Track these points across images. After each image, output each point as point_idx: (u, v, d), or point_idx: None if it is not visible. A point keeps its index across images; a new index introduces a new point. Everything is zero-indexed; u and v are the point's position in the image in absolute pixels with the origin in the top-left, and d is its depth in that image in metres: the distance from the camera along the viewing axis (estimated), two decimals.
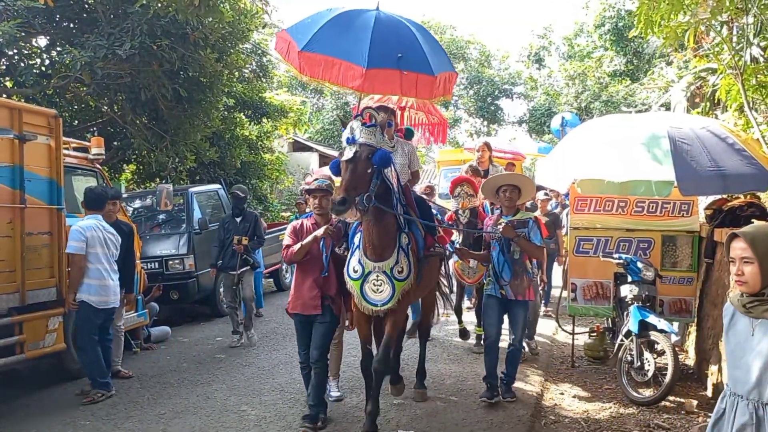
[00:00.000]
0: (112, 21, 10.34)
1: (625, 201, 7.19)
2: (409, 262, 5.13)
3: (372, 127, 4.76)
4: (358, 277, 5.13)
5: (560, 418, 5.88)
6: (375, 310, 5.13)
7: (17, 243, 6.27)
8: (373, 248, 5.04)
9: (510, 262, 5.91)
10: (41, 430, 5.70)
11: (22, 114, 6.44)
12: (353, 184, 4.59)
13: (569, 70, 27.82)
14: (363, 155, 4.66)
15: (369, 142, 4.70)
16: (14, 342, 6.29)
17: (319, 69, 5.71)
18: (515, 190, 6.00)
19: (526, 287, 5.99)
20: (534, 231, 5.91)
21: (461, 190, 7.35)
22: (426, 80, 5.76)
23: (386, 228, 5.03)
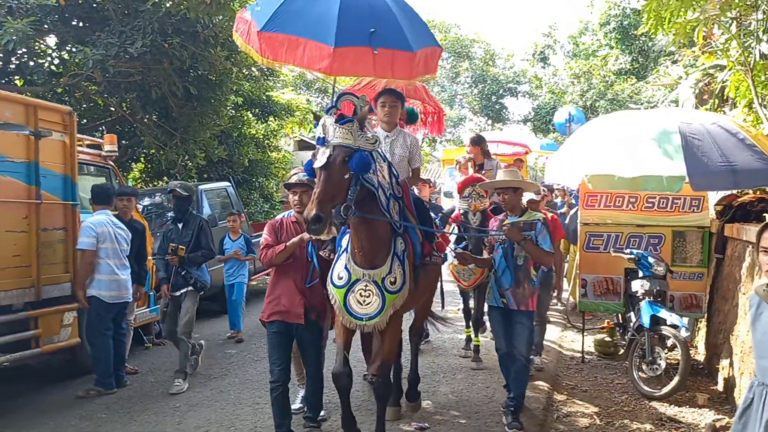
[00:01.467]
0: (124, 19, 10.39)
1: (635, 197, 7.22)
2: (404, 271, 4.46)
3: (348, 123, 4.02)
4: (342, 285, 4.45)
5: (572, 412, 5.92)
6: (359, 324, 4.46)
7: (33, 238, 6.33)
8: (363, 254, 4.39)
9: (512, 268, 5.30)
10: (59, 423, 5.75)
11: (38, 110, 6.50)
12: (328, 196, 3.88)
13: (574, 69, 27.79)
14: (338, 160, 3.94)
15: (344, 143, 3.98)
16: (30, 336, 6.35)
17: (281, 50, 5.08)
18: (511, 191, 5.45)
19: (529, 296, 5.34)
20: (542, 234, 5.25)
21: (472, 191, 6.82)
22: (403, 57, 5.17)
23: (378, 231, 4.38)
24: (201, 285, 6.98)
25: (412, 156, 5.60)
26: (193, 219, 7.10)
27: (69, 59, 10.87)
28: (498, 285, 5.40)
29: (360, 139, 4.05)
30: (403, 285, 4.44)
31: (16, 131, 6.26)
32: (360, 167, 3.99)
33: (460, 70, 33.55)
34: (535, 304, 5.45)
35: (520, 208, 5.49)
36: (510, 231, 5.20)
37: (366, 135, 4.13)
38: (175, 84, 10.89)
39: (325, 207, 3.82)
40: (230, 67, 11.89)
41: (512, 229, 5.20)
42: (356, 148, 4.00)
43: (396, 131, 5.42)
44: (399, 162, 5.35)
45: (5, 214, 6.00)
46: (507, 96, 33.98)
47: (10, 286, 6.03)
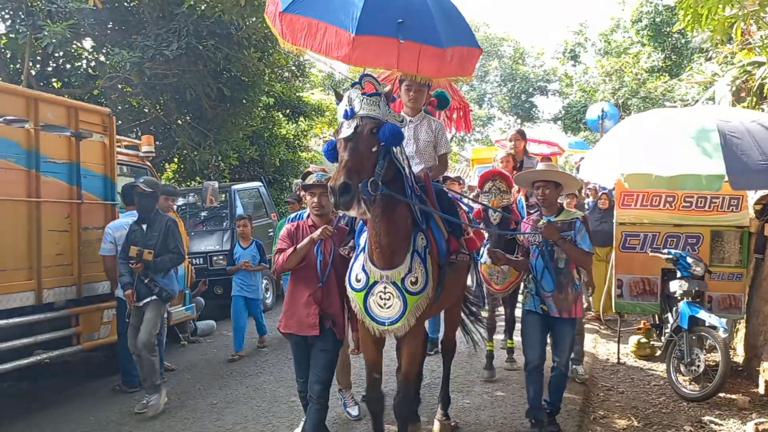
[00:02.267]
0: (159, 22, 10.57)
1: (672, 196, 7.12)
2: (426, 270, 4.08)
3: (375, 96, 3.75)
4: (361, 288, 4.12)
5: (609, 413, 5.87)
6: (381, 329, 4.14)
7: (74, 237, 6.47)
8: (380, 251, 4.01)
9: (553, 271, 4.91)
10: (99, 417, 5.88)
11: (79, 112, 6.65)
12: (355, 167, 3.54)
13: (606, 67, 27.48)
14: (366, 130, 3.65)
15: (372, 115, 3.70)
16: (71, 333, 6.50)
17: (301, 35, 4.70)
18: (552, 186, 4.99)
19: (572, 302, 4.95)
20: (582, 234, 4.87)
21: (492, 186, 6.22)
22: (432, 53, 4.75)
23: (397, 225, 4.01)
24: (167, 294, 6.16)
25: (438, 141, 5.09)
26: (159, 219, 6.23)
27: (106, 62, 11.08)
28: (538, 290, 4.99)
29: (387, 114, 3.80)
30: (426, 285, 4.07)
31: (58, 133, 6.41)
32: (390, 138, 3.68)
33: (489, 69, 33.42)
34: (579, 310, 5.07)
35: (557, 207, 5.06)
36: (547, 230, 4.82)
37: (392, 112, 3.89)
38: (209, 85, 11.05)
39: (353, 176, 3.47)
40: (262, 68, 12.04)
41: (549, 229, 4.82)
42: (384, 121, 3.73)
43: (420, 116, 5.08)
44: (424, 148, 5.01)
45: (48, 214, 6.14)
46: (537, 94, 33.77)
47: (52, 284, 6.17)
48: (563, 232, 4.85)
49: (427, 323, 5.40)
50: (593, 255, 5.11)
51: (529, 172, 5.58)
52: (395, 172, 3.90)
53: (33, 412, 6.00)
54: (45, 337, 6.16)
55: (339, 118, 3.78)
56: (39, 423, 5.75)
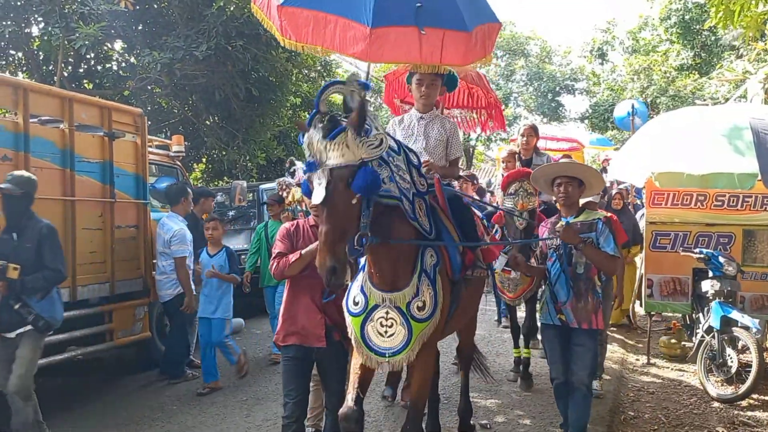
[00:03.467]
0: (189, 23, 10.71)
1: (704, 195, 7.03)
2: (435, 293, 3.54)
3: (339, 135, 3.01)
4: (358, 313, 3.58)
5: (639, 414, 5.82)
6: (380, 361, 3.57)
7: (107, 235, 6.58)
8: (380, 273, 3.50)
9: (570, 277, 4.43)
10: (132, 413, 5.97)
11: (112, 113, 6.76)
12: (338, 235, 3.00)
13: (634, 65, 27.16)
14: (339, 187, 3.02)
15: (342, 163, 3.02)
16: (104, 330, 6.61)
17: (306, 30, 4.20)
18: (574, 182, 4.51)
19: (592, 311, 4.42)
20: (605, 236, 4.35)
21: (519, 187, 5.73)
22: (457, 39, 4.22)
23: (398, 248, 3.49)
24: (45, 323, 4.84)
25: (451, 143, 4.68)
26: (31, 226, 4.88)
27: (136, 63, 11.24)
28: (554, 299, 4.51)
29: (361, 148, 3.06)
30: (435, 310, 3.53)
31: (91, 133, 6.53)
32: (369, 188, 3.04)
33: (516, 68, 33.18)
34: (600, 321, 4.52)
35: (578, 207, 4.58)
36: (565, 233, 4.32)
37: (366, 138, 3.10)
38: (237, 86, 11.16)
39: (338, 251, 2.98)
40: (290, 68, 12.15)
41: (567, 231, 4.33)
42: (358, 162, 3.04)
43: (432, 114, 4.67)
44: (434, 146, 4.62)
45: (82, 212, 6.25)
46: (564, 93, 33.45)
47: (86, 282, 6.28)
48: (583, 234, 4.37)
49: None
50: (619, 259, 4.55)
51: (550, 165, 5.12)
52: (385, 205, 3.28)
53: (66, 408, 6.12)
54: (79, 333, 6.27)
55: (305, 170, 3.30)
56: (73, 418, 5.85)
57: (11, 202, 4.87)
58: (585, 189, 4.56)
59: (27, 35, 11.25)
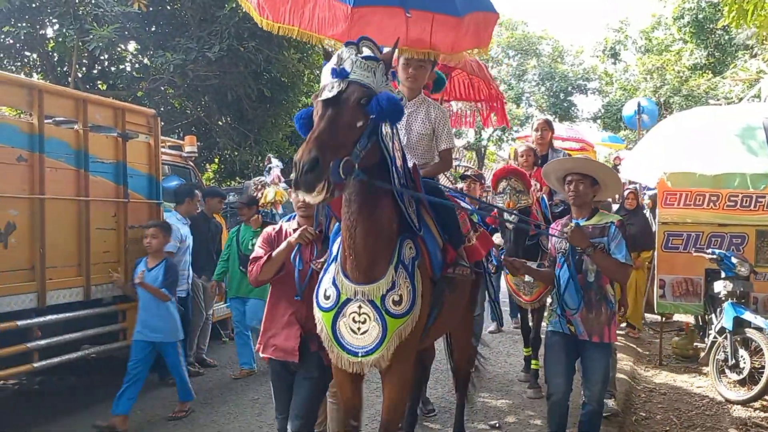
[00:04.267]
0: (201, 25, 10.78)
1: (716, 195, 6.99)
2: (414, 287, 3.20)
3: (372, 61, 2.94)
4: (329, 307, 3.24)
5: (651, 415, 5.81)
6: (353, 361, 3.21)
7: (121, 235, 6.62)
8: (355, 260, 3.15)
9: (580, 285, 4.03)
10: (145, 411, 6.02)
11: (125, 114, 6.80)
12: (331, 140, 2.71)
13: (647, 64, 27.07)
14: (353, 98, 2.83)
15: (364, 81, 2.89)
16: (118, 329, 6.64)
17: (284, 9, 4.01)
18: (587, 181, 4.10)
19: (605, 323, 4.06)
20: (617, 241, 4.00)
21: (507, 185, 5.50)
22: (446, 24, 4.03)
23: (378, 227, 3.14)
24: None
25: (438, 133, 4.10)
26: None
27: (149, 64, 11.33)
28: (562, 308, 4.14)
29: (383, 85, 2.97)
30: (413, 305, 3.18)
31: (105, 133, 6.58)
32: (385, 111, 2.84)
33: (528, 68, 33.11)
34: (614, 333, 4.17)
35: (590, 208, 4.19)
36: (574, 235, 3.93)
37: (390, 84, 3.09)
38: (249, 86, 11.23)
39: (326, 151, 2.65)
40: (302, 69, 12.19)
41: (577, 233, 3.93)
42: (378, 90, 2.92)
43: (418, 101, 4.07)
44: (417, 141, 4.05)
45: (96, 212, 6.29)
46: (576, 93, 33.36)
47: (100, 281, 6.32)
48: (594, 239, 3.99)
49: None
50: (630, 267, 4.18)
51: (560, 160, 4.65)
52: (380, 159, 3.02)
53: (81, 406, 6.17)
54: (93, 332, 6.32)
55: (322, 80, 2.98)
56: (87, 416, 5.89)
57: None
58: (599, 189, 4.15)
59: (42, 37, 11.36)
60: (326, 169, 2.64)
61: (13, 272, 5.42)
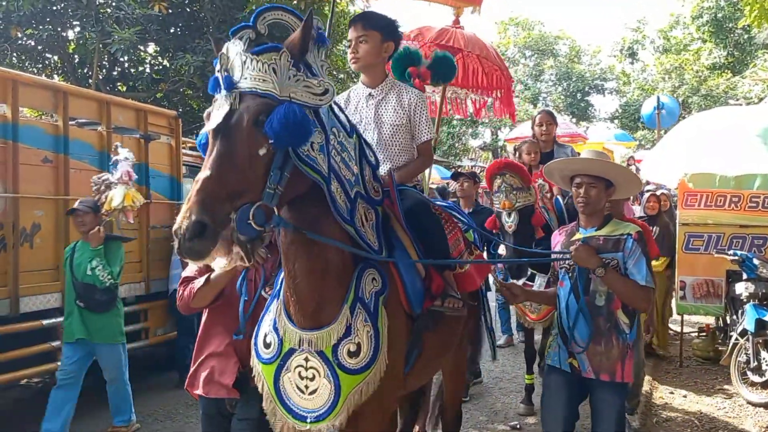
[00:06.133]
0: (221, 26, 10.86)
1: (738, 196, 6.95)
2: (377, 331, 2.52)
3: (269, 53, 2.14)
4: (270, 359, 2.57)
5: (672, 417, 5.78)
6: (301, 428, 2.54)
7: (143, 235, 6.71)
8: (297, 300, 2.49)
9: (587, 312, 3.25)
10: (166, 409, 6.10)
11: (147, 115, 6.89)
12: (223, 188, 2.05)
13: (665, 64, 26.94)
14: (245, 118, 2.11)
15: (260, 89, 2.13)
16: (140, 328, 6.74)
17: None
18: (600, 184, 3.31)
19: (617, 358, 3.24)
20: (636, 258, 3.19)
21: (501, 182, 4.69)
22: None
23: (323, 257, 2.47)
24: None
25: (416, 122, 3.31)
26: None
27: (169, 66, 11.44)
28: (565, 338, 3.34)
29: (291, 84, 2.18)
30: (375, 356, 2.49)
31: (128, 135, 6.66)
32: (287, 135, 2.10)
33: (545, 68, 33.01)
34: (628, 371, 3.28)
35: (602, 216, 3.40)
36: (579, 252, 3.16)
37: (306, 77, 2.23)
38: None
39: (215, 206, 2.02)
40: None
41: (582, 252, 3.16)
42: (282, 99, 2.14)
43: (385, 86, 3.31)
44: (391, 136, 3.28)
45: None
46: (593, 93, 33.24)
47: (123, 281, 6.39)
48: (606, 254, 3.20)
49: None
50: (653, 289, 3.32)
51: (567, 160, 3.82)
52: (310, 184, 2.31)
53: (102, 403, 6.23)
54: None
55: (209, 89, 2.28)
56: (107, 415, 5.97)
57: None
58: (614, 191, 3.40)
59: (63, 39, 11.51)
60: (219, 230, 2.01)
61: (38, 272, 5.52)
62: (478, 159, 32.65)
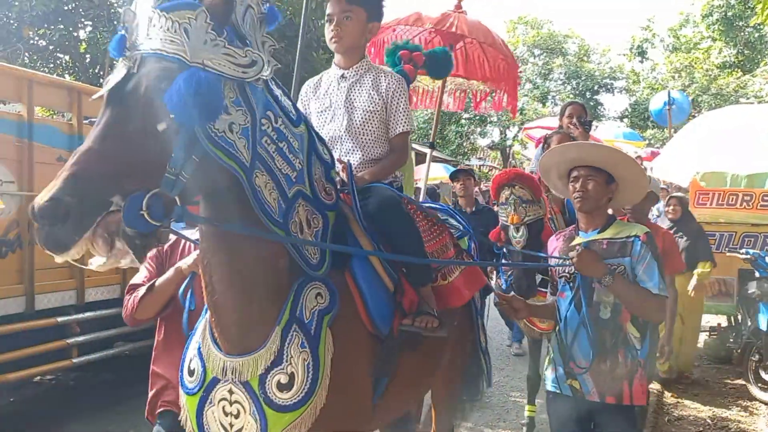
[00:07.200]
0: None
1: (750, 195, 6.94)
2: (315, 359, 2.07)
3: (182, 10, 1.78)
4: (194, 389, 2.18)
5: (684, 416, 5.78)
6: None
7: None
8: (219, 321, 2.10)
9: (591, 326, 2.81)
10: None
11: None
12: (106, 166, 1.67)
13: (675, 63, 26.83)
14: (143, 86, 1.74)
15: (166, 52, 1.76)
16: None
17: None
18: (599, 177, 2.88)
19: (624, 378, 2.83)
20: (646, 263, 2.80)
21: (510, 194, 4.17)
22: None
23: (249, 268, 2.04)
24: None
25: (393, 110, 2.88)
26: None
27: None
28: (564, 356, 2.93)
29: (207, 48, 1.78)
30: (312, 389, 2.04)
31: None
32: (188, 108, 1.69)
33: (553, 67, 32.92)
34: (638, 393, 2.85)
35: (605, 216, 2.99)
36: (582, 259, 2.78)
37: (228, 44, 1.83)
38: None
39: (89, 186, 1.63)
40: None
41: (585, 258, 2.78)
42: (192, 64, 1.75)
43: (360, 68, 2.91)
44: (363, 123, 2.85)
45: None
46: (602, 92, 33.12)
47: None
48: (611, 260, 2.82)
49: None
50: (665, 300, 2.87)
51: (566, 146, 3.18)
52: (226, 176, 1.89)
53: (115, 401, 6.29)
54: (129, 329, 6.43)
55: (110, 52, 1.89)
56: (122, 411, 6.01)
57: None
58: (617, 189, 2.93)
59: (75, 38, 11.56)
60: (89, 217, 1.63)
61: (53, 269, 5.55)
62: (486, 158, 32.64)
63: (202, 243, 2.07)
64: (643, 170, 3.28)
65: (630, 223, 3.15)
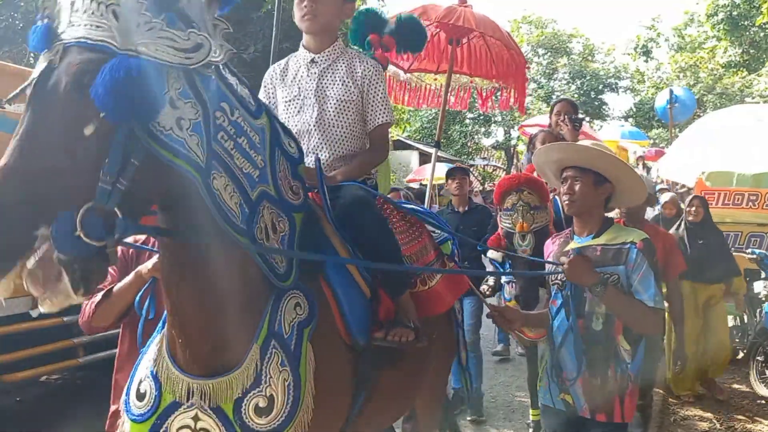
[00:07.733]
0: (237, 26, 10.91)
1: (756, 194, 6.93)
2: (296, 378, 1.86)
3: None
4: (142, 416, 1.90)
5: (689, 416, 5.77)
6: None
7: None
8: (187, 342, 1.84)
9: (581, 338, 2.66)
10: None
11: None
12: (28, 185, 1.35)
13: (679, 62, 26.83)
14: (64, 80, 1.43)
15: (91, 40, 1.44)
16: None
17: None
18: (587, 178, 2.68)
19: (616, 394, 2.67)
20: (641, 273, 2.59)
21: (518, 200, 3.98)
22: None
23: (221, 279, 1.79)
24: None
25: (368, 102, 2.64)
26: None
27: None
28: (555, 368, 2.78)
29: (140, 33, 1.48)
30: (294, 411, 1.83)
31: None
32: (119, 103, 1.40)
33: (558, 66, 32.90)
34: (628, 410, 2.69)
35: (599, 219, 2.77)
36: (572, 266, 2.60)
37: (168, 27, 1.51)
38: None
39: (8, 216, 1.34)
40: None
41: (577, 263, 2.60)
42: (123, 52, 1.45)
43: (333, 51, 2.64)
44: (336, 115, 2.59)
45: None
46: (607, 92, 33.09)
47: None
48: (604, 267, 2.62)
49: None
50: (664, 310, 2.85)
51: (550, 146, 2.95)
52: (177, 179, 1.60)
53: None
54: None
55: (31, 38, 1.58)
56: None
57: None
58: (612, 191, 2.75)
59: None
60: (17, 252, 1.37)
61: None
62: (490, 158, 32.64)
63: (162, 256, 1.83)
64: (635, 172, 2.98)
65: (628, 228, 2.92)
